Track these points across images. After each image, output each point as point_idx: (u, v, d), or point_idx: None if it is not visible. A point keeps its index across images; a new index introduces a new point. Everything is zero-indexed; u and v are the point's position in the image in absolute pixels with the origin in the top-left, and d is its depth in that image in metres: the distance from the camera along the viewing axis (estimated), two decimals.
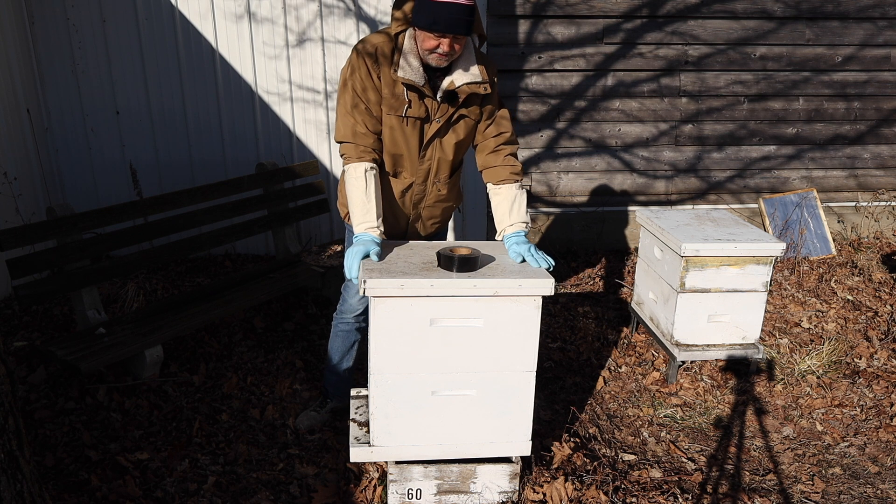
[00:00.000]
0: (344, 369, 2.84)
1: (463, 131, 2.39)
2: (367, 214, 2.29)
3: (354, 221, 2.32)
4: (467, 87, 2.26)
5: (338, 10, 4.61)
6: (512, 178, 2.42)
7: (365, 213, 2.29)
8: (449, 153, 2.40)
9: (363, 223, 2.29)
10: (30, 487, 1.87)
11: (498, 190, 2.44)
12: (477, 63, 2.29)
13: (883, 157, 5.34)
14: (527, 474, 2.49)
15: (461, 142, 2.41)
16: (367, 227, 2.28)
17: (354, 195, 2.30)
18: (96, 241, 3.23)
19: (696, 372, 3.46)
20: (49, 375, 3.15)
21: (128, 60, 4.52)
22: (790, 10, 4.88)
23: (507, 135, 2.43)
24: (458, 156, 2.47)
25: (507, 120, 2.44)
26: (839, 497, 2.59)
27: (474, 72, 2.27)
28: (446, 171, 2.46)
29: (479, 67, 2.29)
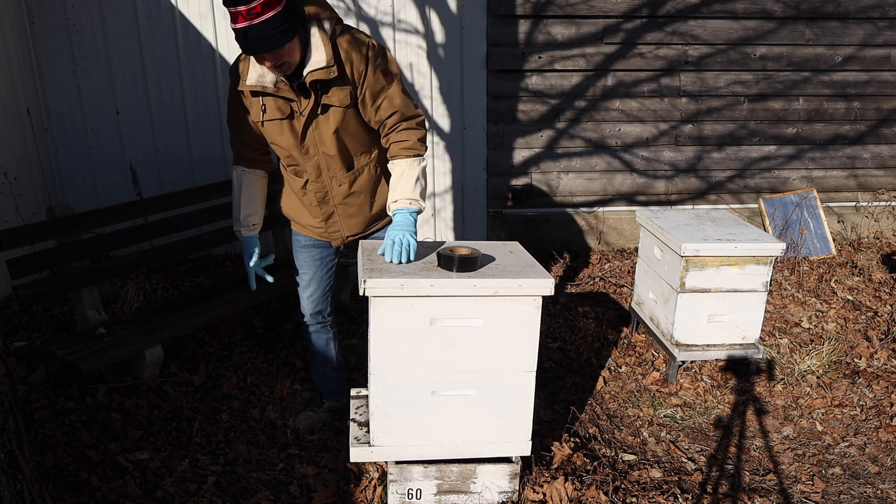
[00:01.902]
0: (329, 368, 2.84)
1: (335, 120, 2.27)
2: (235, 212, 2.53)
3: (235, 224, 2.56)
4: (311, 76, 2.17)
5: (338, 11, 4.61)
6: (402, 154, 2.30)
7: (235, 213, 2.53)
8: (330, 145, 2.32)
9: (235, 226, 2.55)
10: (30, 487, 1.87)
11: (391, 166, 2.35)
12: (326, 45, 2.16)
13: (883, 157, 5.34)
14: (527, 474, 2.49)
15: (340, 131, 2.30)
16: (235, 229, 2.55)
17: (233, 197, 2.54)
18: (96, 241, 3.23)
19: (696, 372, 3.46)
20: (49, 375, 3.15)
21: (128, 60, 4.52)
22: (790, 10, 4.88)
23: (396, 113, 2.28)
24: (345, 147, 2.36)
25: (398, 96, 2.27)
26: (839, 497, 2.59)
27: (318, 58, 2.16)
28: (338, 165, 2.38)
29: (325, 50, 2.16)
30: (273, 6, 2.01)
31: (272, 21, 2.01)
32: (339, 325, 3.83)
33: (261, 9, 1.99)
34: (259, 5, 1.98)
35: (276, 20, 2.02)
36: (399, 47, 4.73)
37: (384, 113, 2.28)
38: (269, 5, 2.00)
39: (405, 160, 2.30)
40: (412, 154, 2.30)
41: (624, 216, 5.24)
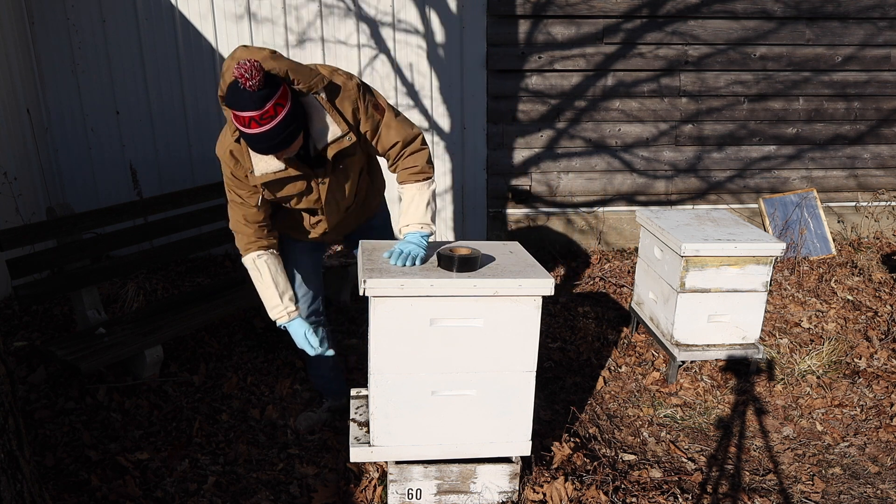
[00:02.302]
0: (326, 368, 2.84)
1: (351, 170, 2.29)
2: (271, 301, 2.35)
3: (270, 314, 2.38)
4: (332, 148, 2.14)
5: (338, 10, 4.62)
6: (412, 179, 2.30)
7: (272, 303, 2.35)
8: (348, 194, 2.35)
9: (274, 314, 2.37)
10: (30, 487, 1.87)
11: (401, 191, 2.36)
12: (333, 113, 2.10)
13: (883, 157, 5.34)
14: (527, 474, 2.49)
15: (355, 174, 2.33)
16: (278, 316, 2.37)
17: (257, 286, 2.37)
18: (96, 241, 3.23)
19: (696, 372, 3.46)
20: (49, 375, 3.15)
21: (128, 60, 4.52)
22: (790, 11, 4.88)
23: (398, 143, 2.26)
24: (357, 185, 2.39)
25: (394, 125, 2.24)
26: (839, 497, 2.59)
27: (333, 129, 2.11)
28: (351, 200, 2.42)
29: (335, 119, 2.10)
30: (284, 103, 1.94)
31: (285, 120, 1.94)
32: (339, 325, 3.84)
33: (273, 111, 1.91)
34: (271, 107, 1.90)
35: (289, 117, 1.95)
36: (399, 47, 4.73)
37: (385, 144, 2.26)
38: (281, 104, 1.93)
39: (415, 185, 2.30)
40: (422, 178, 2.30)
41: (624, 216, 5.24)
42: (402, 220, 2.31)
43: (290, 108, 1.96)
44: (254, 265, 2.34)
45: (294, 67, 2.01)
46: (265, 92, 1.88)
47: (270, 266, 2.34)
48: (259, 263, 2.34)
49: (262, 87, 1.88)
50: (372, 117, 2.20)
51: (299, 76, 2.01)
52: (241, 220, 2.30)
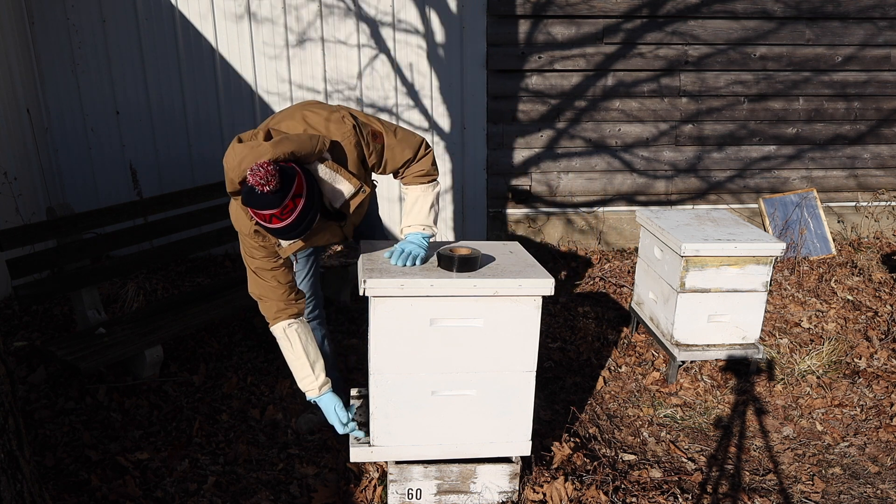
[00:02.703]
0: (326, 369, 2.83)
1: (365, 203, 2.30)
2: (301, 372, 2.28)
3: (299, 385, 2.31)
4: (352, 205, 2.13)
5: (338, 10, 4.62)
6: (417, 181, 2.29)
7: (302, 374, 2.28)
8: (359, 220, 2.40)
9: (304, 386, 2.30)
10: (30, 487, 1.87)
11: (405, 191, 2.35)
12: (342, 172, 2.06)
13: (883, 157, 5.34)
14: (527, 474, 2.49)
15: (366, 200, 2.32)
16: (308, 389, 2.30)
17: (286, 356, 2.30)
18: (96, 241, 3.23)
19: (696, 372, 3.46)
20: (49, 375, 3.15)
21: (128, 60, 4.52)
22: (790, 11, 4.88)
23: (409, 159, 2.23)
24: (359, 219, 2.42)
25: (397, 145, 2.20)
26: (839, 497, 2.59)
27: (346, 188, 2.08)
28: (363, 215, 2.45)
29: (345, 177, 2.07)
30: (301, 192, 1.86)
31: (305, 207, 1.89)
32: (339, 325, 3.84)
33: (293, 203, 1.85)
34: (290, 201, 1.84)
35: (309, 201, 1.89)
36: (399, 47, 4.73)
37: (396, 165, 2.25)
38: (299, 195, 1.86)
39: (420, 186, 2.30)
40: (427, 180, 2.29)
41: (624, 216, 5.24)
42: (405, 220, 2.31)
43: (308, 195, 1.89)
44: (284, 335, 2.25)
45: (297, 145, 1.92)
46: (284, 189, 1.83)
47: (301, 336, 2.26)
48: (290, 333, 2.25)
49: (280, 188, 1.83)
50: (375, 149, 2.18)
51: (304, 150, 1.94)
52: (270, 285, 2.21)
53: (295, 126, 2.07)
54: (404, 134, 2.24)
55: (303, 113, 2.10)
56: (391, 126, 2.24)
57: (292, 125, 2.07)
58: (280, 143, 1.89)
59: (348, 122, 2.10)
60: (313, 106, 2.15)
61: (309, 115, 2.10)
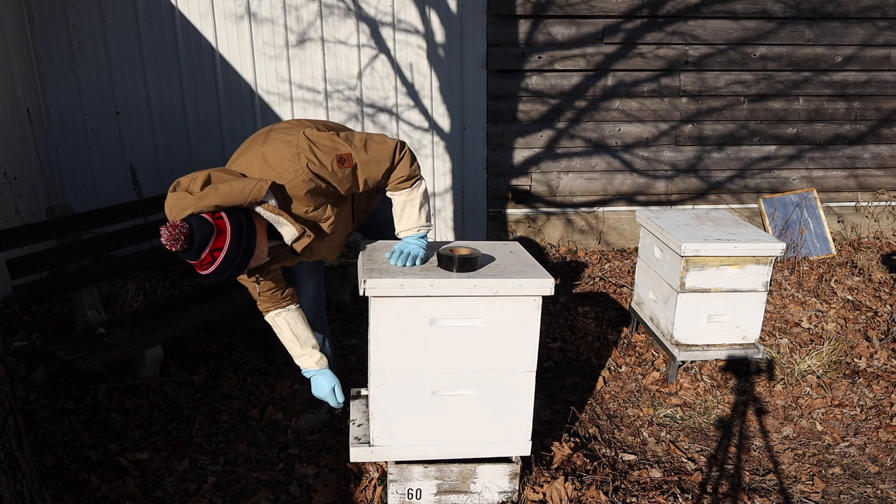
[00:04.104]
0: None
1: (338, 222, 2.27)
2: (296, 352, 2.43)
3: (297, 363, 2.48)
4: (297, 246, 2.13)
5: (338, 10, 4.62)
6: (399, 187, 2.27)
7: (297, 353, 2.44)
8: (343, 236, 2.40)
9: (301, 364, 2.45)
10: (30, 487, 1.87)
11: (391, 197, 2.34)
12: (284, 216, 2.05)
13: (883, 157, 5.34)
14: (527, 474, 2.49)
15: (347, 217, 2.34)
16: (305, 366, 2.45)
17: (281, 339, 2.46)
18: (96, 241, 3.23)
19: (696, 372, 3.46)
20: (49, 375, 3.15)
21: (128, 60, 4.52)
22: (790, 11, 4.88)
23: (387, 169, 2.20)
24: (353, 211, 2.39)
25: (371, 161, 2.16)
26: (839, 497, 2.59)
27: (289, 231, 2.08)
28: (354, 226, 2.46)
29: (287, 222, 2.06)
30: (222, 245, 1.91)
31: (227, 258, 1.93)
32: (339, 325, 3.84)
33: (211, 257, 1.91)
34: (208, 254, 1.90)
35: (230, 255, 1.93)
36: (399, 47, 4.73)
37: (373, 182, 2.22)
38: (218, 247, 1.91)
39: (404, 192, 2.28)
40: (409, 184, 2.27)
41: (624, 216, 5.23)
42: (399, 226, 2.32)
43: (232, 246, 1.92)
44: (274, 322, 2.42)
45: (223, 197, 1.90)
46: (196, 247, 1.88)
47: (290, 321, 2.40)
48: (278, 321, 2.41)
49: (190, 246, 1.87)
50: (345, 175, 2.12)
51: (232, 201, 1.93)
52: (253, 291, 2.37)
53: (250, 164, 2.07)
54: (375, 146, 2.18)
55: (263, 150, 2.08)
56: (361, 141, 2.16)
57: (248, 162, 2.08)
58: (203, 198, 1.90)
59: (302, 160, 2.04)
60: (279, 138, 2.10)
61: (269, 152, 2.07)
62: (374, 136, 2.21)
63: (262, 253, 2.07)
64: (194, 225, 1.87)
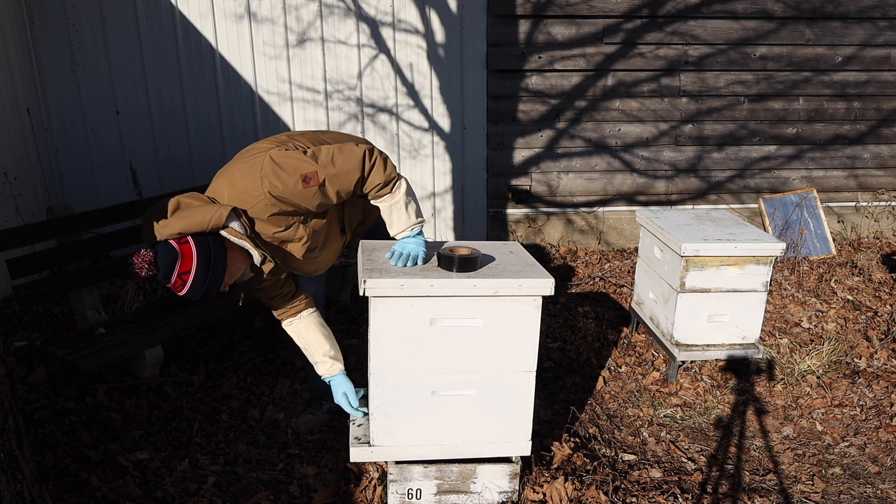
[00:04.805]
0: None
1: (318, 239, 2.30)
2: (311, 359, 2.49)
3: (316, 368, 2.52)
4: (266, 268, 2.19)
5: (338, 10, 4.62)
6: (380, 195, 2.27)
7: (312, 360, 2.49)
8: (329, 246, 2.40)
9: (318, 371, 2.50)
10: (30, 487, 1.87)
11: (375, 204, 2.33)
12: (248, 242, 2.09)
13: (883, 157, 5.34)
14: (527, 474, 2.49)
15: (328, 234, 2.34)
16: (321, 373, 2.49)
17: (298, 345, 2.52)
18: (96, 241, 3.23)
19: (696, 372, 3.46)
20: (49, 375, 3.15)
21: (128, 60, 4.52)
22: (790, 11, 4.88)
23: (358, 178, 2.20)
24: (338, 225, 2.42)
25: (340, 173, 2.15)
26: (839, 497, 2.59)
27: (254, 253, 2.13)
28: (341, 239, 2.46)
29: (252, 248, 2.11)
30: (189, 268, 1.97)
31: (197, 280, 1.99)
32: (339, 325, 3.84)
33: (181, 280, 1.98)
34: (177, 277, 1.97)
35: (199, 276, 1.99)
36: (399, 47, 4.73)
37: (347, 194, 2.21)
38: (186, 270, 1.97)
39: (385, 197, 2.28)
40: (388, 190, 2.26)
41: (624, 216, 5.23)
42: (391, 231, 2.33)
43: (199, 269, 1.98)
44: (287, 331, 2.49)
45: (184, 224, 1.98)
46: (162, 273, 1.97)
47: (301, 330, 2.46)
48: (291, 330, 2.48)
49: (157, 272, 1.97)
50: (312, 193, 2.12)
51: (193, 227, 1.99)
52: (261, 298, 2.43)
53: (221, 188, 2.14)
54: (342, 158, 2.15)
55: (230, 174, 2.14)
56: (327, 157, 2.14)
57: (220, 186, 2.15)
58: (166, 226, 2.00)
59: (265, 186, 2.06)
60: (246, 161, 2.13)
61: (235, 175, 2.12)
62: (343, 148, 2.18)
63: (236, 272, 2.13)
64: (160, 252, 1.97)
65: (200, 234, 2.01)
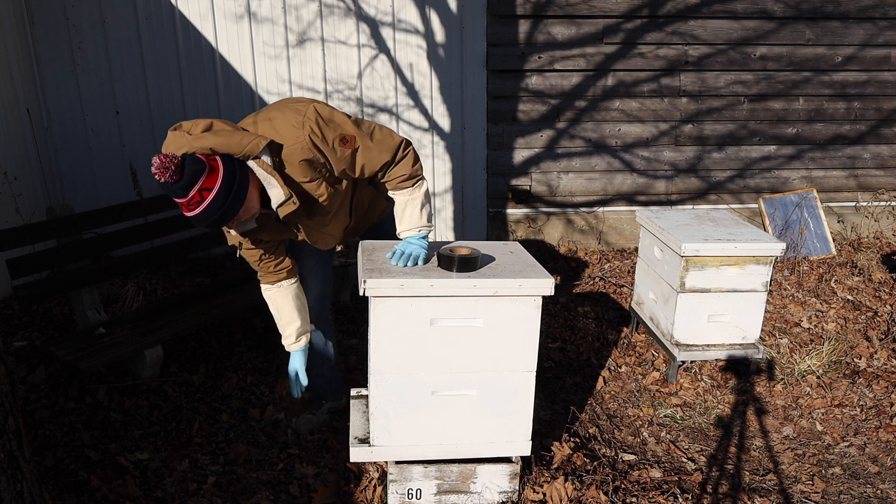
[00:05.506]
0: (327, 368, 2.84)
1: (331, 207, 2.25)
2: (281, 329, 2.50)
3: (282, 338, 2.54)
4: (281, 211, 2.09)
5: (338, 10, 4.62)
6: (401, 187, 2.27)
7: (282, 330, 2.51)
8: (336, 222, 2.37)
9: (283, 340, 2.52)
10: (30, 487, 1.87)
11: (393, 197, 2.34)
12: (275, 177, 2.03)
13: (883, 157, 5.34)
14: (527, 474, 2.49)
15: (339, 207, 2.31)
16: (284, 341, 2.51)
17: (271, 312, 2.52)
18: (96, 241, 3.23)
19: (696, 372, 3.46)
20: (49, 375, 3.15)
21: (128, 60, 4.52)
22: (790, 11, 4.88)
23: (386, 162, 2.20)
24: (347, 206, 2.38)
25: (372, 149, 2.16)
26: (839, 497, 2.59)
27: (276, 193, 2.05)
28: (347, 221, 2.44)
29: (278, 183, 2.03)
30: (212, 186, 1.89)
31: (216, 201, 1.91)
32: (339, 325, 3.84)
33: (199, 196, 1.89)
34: (196, 193, 1.88)
35: (219, 198, 1.91)
36: (399, 47, 4.73)
37: (372, 171, 2.21)
38: (208, 188, 1.88)
39: (405, 191, 2.29)
40: (411, 183, 2.28)
41: (624, 216, 5.24)
42: (400, 226, 2.32)
43: (222, 188, 1.90)
44: (265, 296, 2.49)
45: (218, 141, 1.92)
46: (184, 182, 1.87)
47: (279, 297, 2.46)
48: (267, 296, 2.48)
49: (180, 179, 1.86)
50: (342, 155, 2.12)
51: (230, 147, 1.94)
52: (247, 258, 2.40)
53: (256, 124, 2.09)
54: (382, 136, 2.19)
55: (271, 115, 2.10)
56: (368, 128, 2.17)
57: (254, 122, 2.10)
58: (200, 139, 1.91)
59: (307, 128, 2.05)
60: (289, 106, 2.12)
61: (277, 117, 2.09)
62: (383, 129, 2.22)
63: (251, 208, 2.04)
64: (187, 160, 1.87)
65: (229, 157, 1.95)
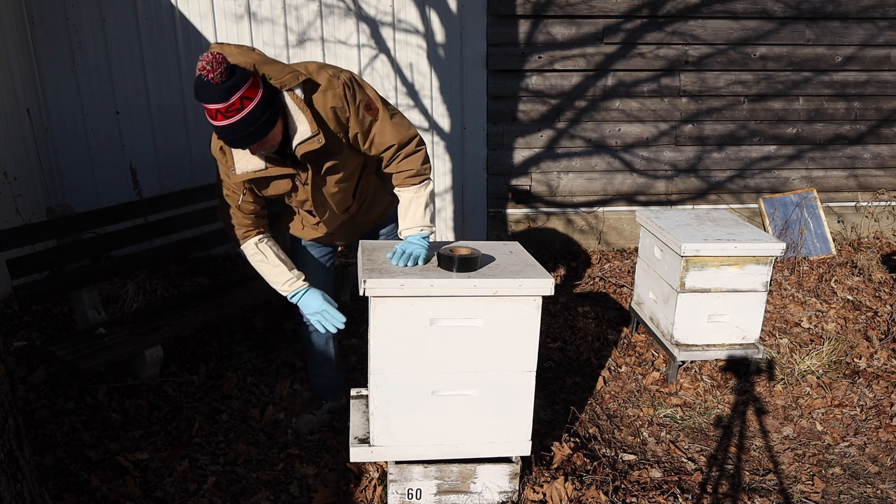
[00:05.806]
0: (328, 368, 2.84)
1: (343, 171, 2.26)
2: (283, 276, 2.36)
3: (279, 290, 2.38)
4: (300, 148, 2.08)
5: (338, 10, 4.62)
6: (407, 183, 2.28)
7: (283, 278, 2.36)
8: (338, 192, 2.34)
9: (285, 287, 2.37)
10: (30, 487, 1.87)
11: (398, 193, 2.34)
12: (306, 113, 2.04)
13: (883, 157, 5.34)
14: (527, 474, 2.49)
15: (346, 177, 2.31)
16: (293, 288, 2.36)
17: (263, 270, 2.38)
18: (96, 241, 3.23)
19: (696, 372, 3.46)
20: (49, 375, 3.15)
21: (128, 60, 4.52)
22: (790, 11, 4.88)
23: (393, 145, 2.22)
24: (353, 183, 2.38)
25: (388, 126, 2.20)
26: (839, 497, 2.59)
27: (302, 129, 2.05)
28: (347, 198, 2.41)
29: (307, 119, 2.04)
30: (253, 97, 1.89)
31: (254, 113, 1.90)
32: None
33: (240, 104, 1.87)
34: (238, 100, 1.86)
35: (257, 111, 1.90)
36: (399, 47, 4.73)
37: (379, 147, 2.23)
38: (249, 98, 1.88)
39: (411, 188, 2.29)
40: (418, 181, 2.28)
41: (624, 216, 5.23)
42: (402, 223, 2.32)
43: (261, 103, 1.91)
44: (256, 249, 2.35)
45: (265, 62, 1.98)
46: (229, 84, 1.85)
47: (272, 247, 2.37)
48: (262, 247, 2.35)
49: (226, 80, 1.85)
50: (363, 119, 2.16)
51: (270, 71, 1.97)
52: (236, 211, 2.30)
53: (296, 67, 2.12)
54: (400, 121, 2.24)
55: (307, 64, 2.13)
56: (392, 110, 2.23)
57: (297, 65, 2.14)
58: (246, 52, 1.95)
59: (342, 78, 2.10)
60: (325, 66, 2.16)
61: (313, 66, 2.12)
62: (404, 118, 2.26)
63: (276, 137, 2.04)
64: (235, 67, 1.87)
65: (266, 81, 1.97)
